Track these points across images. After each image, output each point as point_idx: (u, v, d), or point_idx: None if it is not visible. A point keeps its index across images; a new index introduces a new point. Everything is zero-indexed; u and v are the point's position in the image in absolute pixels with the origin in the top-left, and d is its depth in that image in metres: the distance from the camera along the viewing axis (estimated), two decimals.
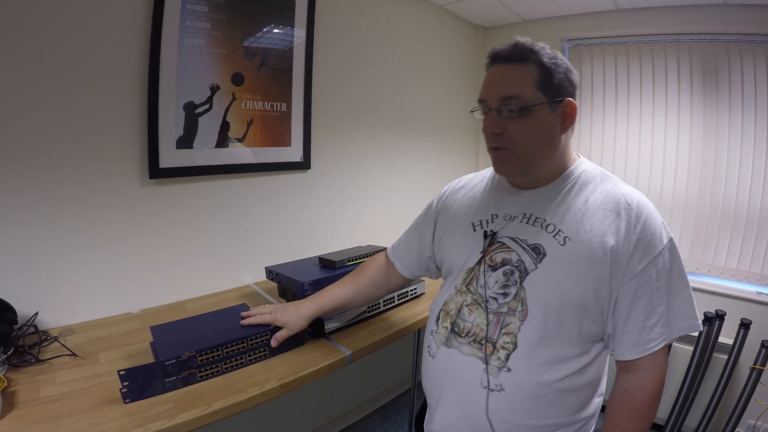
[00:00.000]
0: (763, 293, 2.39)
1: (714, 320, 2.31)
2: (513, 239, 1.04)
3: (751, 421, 2.35)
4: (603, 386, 1.08)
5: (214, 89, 1.80)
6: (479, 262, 1.07)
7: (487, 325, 1.01)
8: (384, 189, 2.71)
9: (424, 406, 1.29)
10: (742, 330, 2.23)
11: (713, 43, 2.46)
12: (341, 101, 2.37)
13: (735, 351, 2.25)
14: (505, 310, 1.00)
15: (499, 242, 1.06)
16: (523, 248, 1.01)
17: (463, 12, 3.01)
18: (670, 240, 0.97)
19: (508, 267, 1.02)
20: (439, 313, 1.13)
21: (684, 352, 2.42)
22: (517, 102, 0.96)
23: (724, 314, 2.31)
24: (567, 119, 1.01)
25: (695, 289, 2.66)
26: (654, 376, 0.97)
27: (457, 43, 3.15)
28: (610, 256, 0.94)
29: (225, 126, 1.86)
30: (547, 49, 0.99)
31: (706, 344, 2.33)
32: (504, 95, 0.98)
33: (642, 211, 0.97)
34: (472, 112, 1.08)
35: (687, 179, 2.61)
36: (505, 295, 1.00)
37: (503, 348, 0.98)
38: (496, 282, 1.02)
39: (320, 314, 1.37)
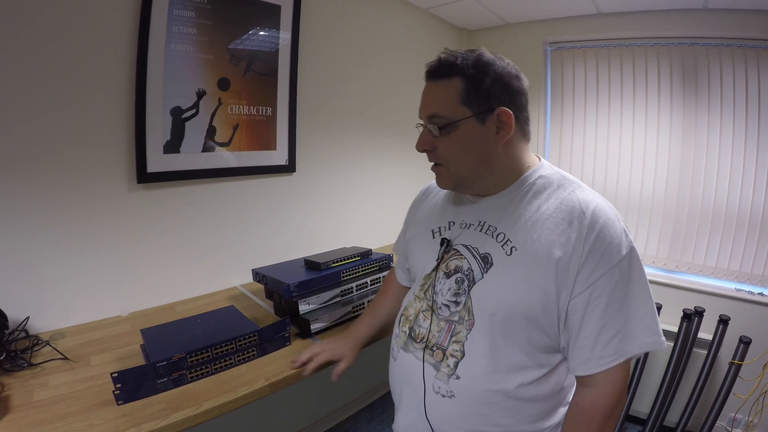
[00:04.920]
0: (742, 290, 2.46)
1: (693, 317, 2.36)
2: (466, 247, 1.03)
3: (731, 414, 2.41)
4: (570, 396, 1.03)
5: (201, 94, 1.81)
6: (435, 269, 1.08)
7: (438, 332, 1.02)
8: (368, 191, 2.73)
9: None
10: (721, 326, 2.28)
11: (693, 46, 2.51)
12: (326, 105, 2.39)
13: (714, 346, 2.30)
14: (456, 318, 1.00)
15: (454, 249, 1.05)
16: (474, 256, 1.00)
17: (447, 15, 3.04)
18: (630, 250, 0.90)
19: (459, 275, 1.01)
20: (401, 317, 1.15)
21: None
22: (440, 120, 0.97)
23: (703, 311, 2.37)
24: (503, 129, 0.96)
25: (676, 287, 2.69)
26: (606, 393, 0.90)
27: (442, 46, 3.09)
28: (557, 268, 0.89)
29: (211, 130, 1.88)
30: (481, 58, 0.96)
31: (686, 340, 2.38)
32: (429, 113, 0.99)
33: (597, 220, 0.90)
34: (417, 126, 1.07)
35: (667, 180, 2.67)
36: (456, 303, 1.00)
37: (452, 356, 0.98)
38: (449, 290, 1.02)
39: (366, 342, 1.41)
